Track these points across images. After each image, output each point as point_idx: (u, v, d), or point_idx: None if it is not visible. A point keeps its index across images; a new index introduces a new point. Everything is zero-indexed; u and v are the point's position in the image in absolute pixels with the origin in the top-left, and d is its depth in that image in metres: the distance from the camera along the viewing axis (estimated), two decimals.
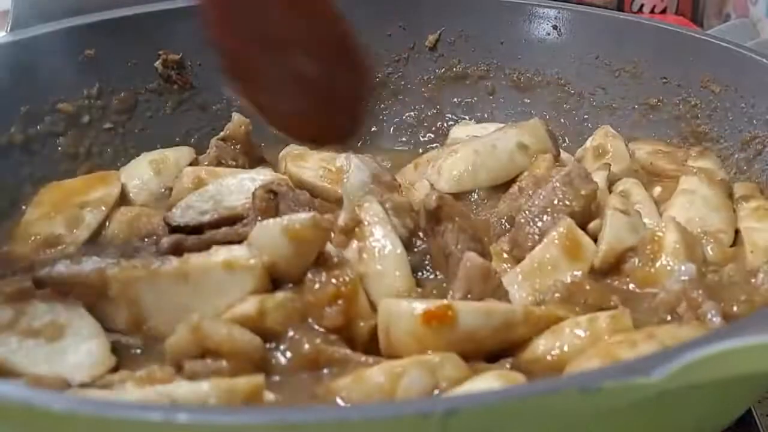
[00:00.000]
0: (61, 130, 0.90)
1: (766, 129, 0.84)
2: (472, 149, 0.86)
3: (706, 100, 0.92)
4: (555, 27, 1.04)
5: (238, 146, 0.90)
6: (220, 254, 0.62)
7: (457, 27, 1.07)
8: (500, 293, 0.65)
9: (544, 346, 0.59)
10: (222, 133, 0.91)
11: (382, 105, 1.07)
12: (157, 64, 0.97)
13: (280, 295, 0.61)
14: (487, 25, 1.06)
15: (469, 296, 0.63)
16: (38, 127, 0.88)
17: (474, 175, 0.85)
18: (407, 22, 1.08)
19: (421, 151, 1.02)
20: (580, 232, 0.70)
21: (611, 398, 0.39)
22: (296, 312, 0.61)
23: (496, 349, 0.60)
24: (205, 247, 0.64)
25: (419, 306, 0.57)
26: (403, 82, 1.09)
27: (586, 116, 1.02)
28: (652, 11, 1.67)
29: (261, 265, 0.62)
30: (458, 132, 1.02)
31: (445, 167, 0.85)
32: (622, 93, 1.00)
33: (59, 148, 0.90)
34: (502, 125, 0.95)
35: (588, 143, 0.94)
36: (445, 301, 0.58)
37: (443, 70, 1.08)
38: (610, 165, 0.86)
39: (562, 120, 1.03)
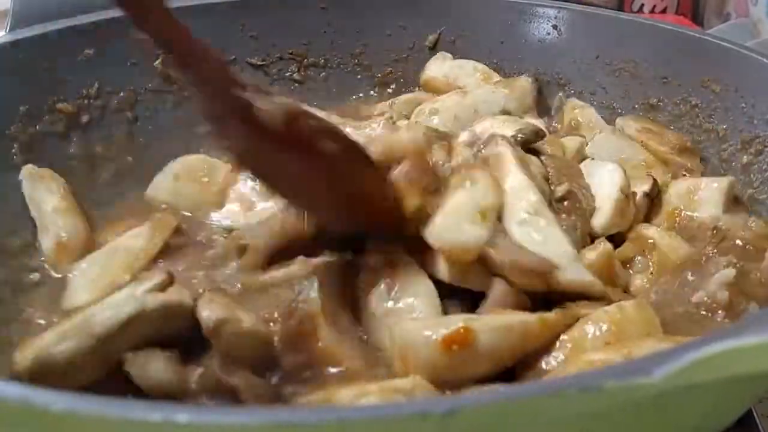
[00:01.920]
0: (61, 130, 0.90)
1: (766, 129, 0.84)
2: (453, 114, 0.89)
3: (707, 100, 0.92)
4: (555, 27, 1.04)
5: None
6: None
7: (457, 27, 1.07)
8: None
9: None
10: None
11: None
12: (157, 63, 0.97)
13: None
14: (487, 25, 1.06)
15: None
16: (38, 126, 0.88)
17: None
18: (407, 21, 1.08)
19: None
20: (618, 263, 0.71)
21: (611, 398, 0.39)
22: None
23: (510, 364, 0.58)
24: None
25: (437, 331, 0.55)
26: (402, 81, 1.09)
27: None
28: (652, 11, 1.67)
29: None
30: (434, 69, 1.05)
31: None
32: (622, 93, 1.00)
33: (59, 149, 0.90)
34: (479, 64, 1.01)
35: (559, 124, 0.97)
36: (461, 324, 0.56)
37: None
38: (584, 136, 0.90)
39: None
